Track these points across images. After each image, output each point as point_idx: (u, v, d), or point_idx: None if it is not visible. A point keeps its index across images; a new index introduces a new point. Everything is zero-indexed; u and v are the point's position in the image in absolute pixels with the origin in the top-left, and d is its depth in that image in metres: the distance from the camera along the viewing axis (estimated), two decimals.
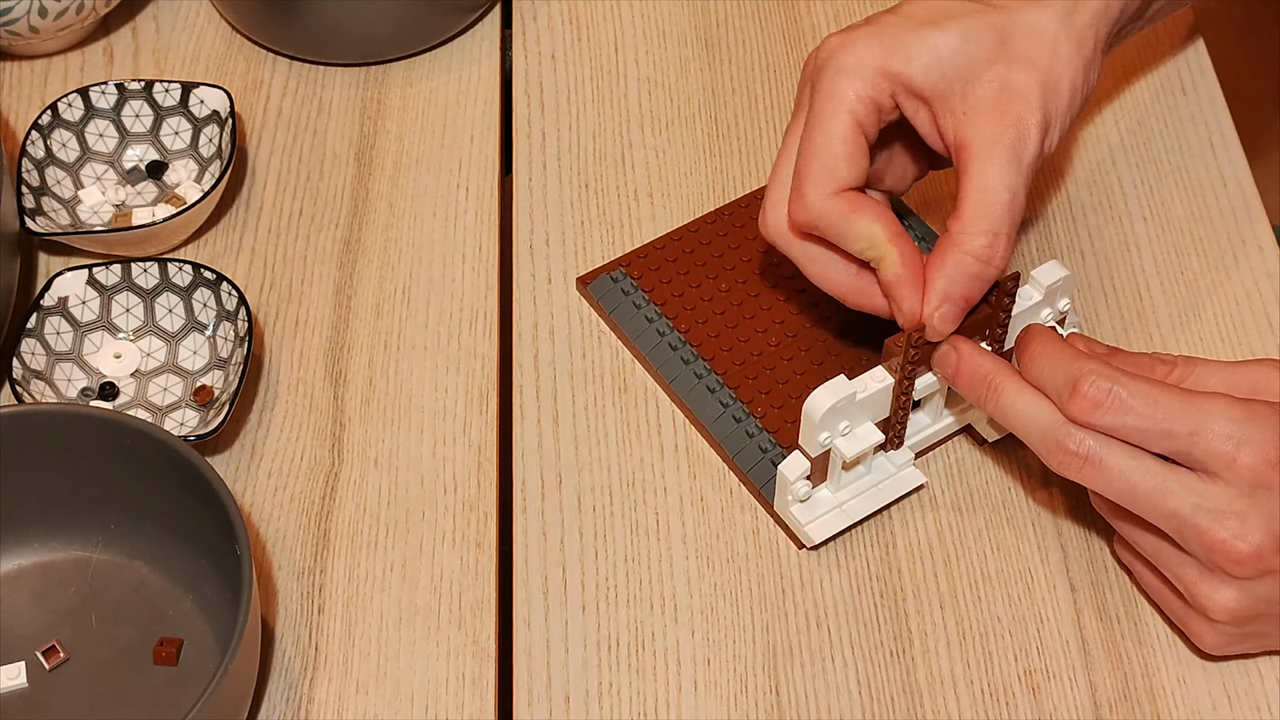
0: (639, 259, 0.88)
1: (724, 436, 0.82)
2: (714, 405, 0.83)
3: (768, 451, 0.81)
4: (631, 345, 0.86)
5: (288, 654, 0.77)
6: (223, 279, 0.84)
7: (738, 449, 0.82)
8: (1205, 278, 0.89)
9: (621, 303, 0.87)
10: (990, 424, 0.81)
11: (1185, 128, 0.96)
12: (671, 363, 0.84)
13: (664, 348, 0.85)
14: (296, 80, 0.98)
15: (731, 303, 0.86)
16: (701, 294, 0.87)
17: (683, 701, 0.75)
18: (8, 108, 0.97)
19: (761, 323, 0.85)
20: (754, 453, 0.81)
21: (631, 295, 0.87)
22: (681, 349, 0.85)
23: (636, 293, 0.87)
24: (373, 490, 0.82)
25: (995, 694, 0.75)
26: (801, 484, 0.77)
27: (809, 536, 0.78)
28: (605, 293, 0.87)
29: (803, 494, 0.78)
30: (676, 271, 0.88)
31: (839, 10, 1.01)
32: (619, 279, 0.87)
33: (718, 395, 0.83)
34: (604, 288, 0.87)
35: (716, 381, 0.83)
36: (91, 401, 0.84)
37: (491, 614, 0.78)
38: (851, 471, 0.79)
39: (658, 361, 0.85)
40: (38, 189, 0.89)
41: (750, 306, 0.86)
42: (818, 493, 0.78)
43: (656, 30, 1.01)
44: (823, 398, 0.74)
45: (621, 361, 0.86)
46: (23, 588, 0.78)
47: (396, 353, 0.87)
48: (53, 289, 0.85)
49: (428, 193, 0.93)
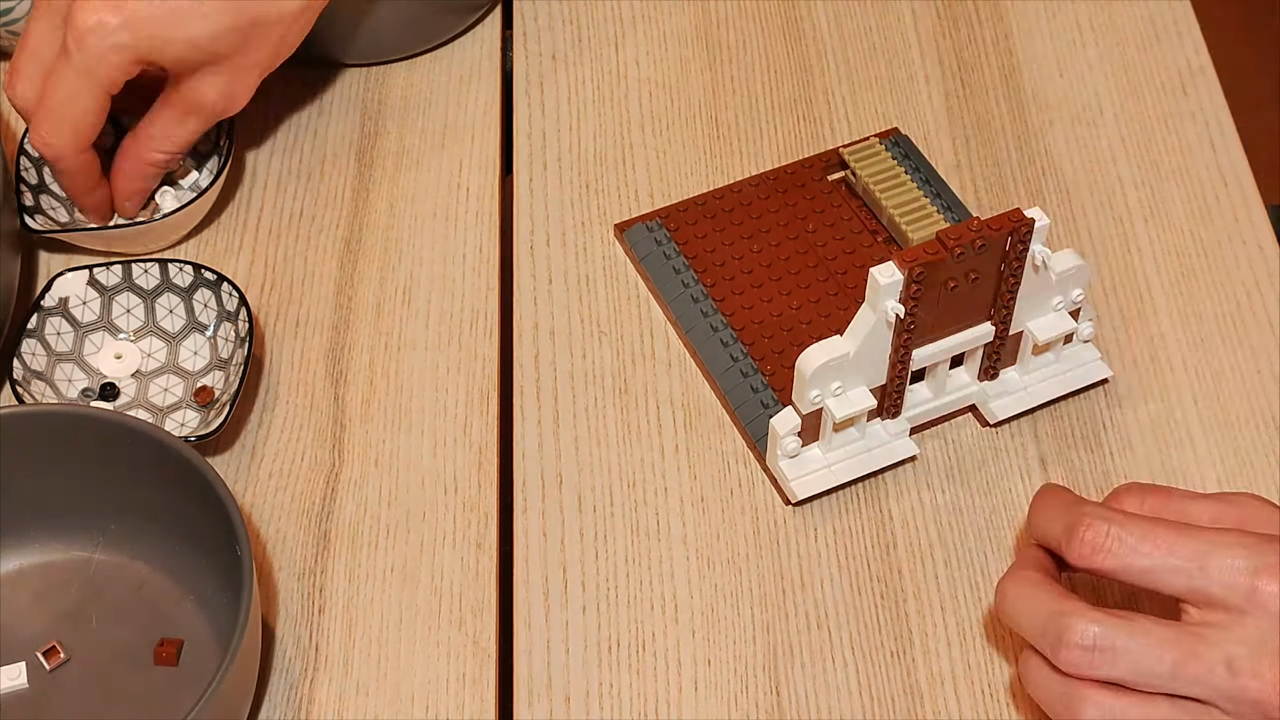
0: (678, 211, 0.90)
1: (729, 388, 0.83)
2: (724, 358, 0.84)
3: (769, 407, 0.82)
4: (656, 293, 0.88)
5: (288, 654, 0.77)
6: (223, 279, 0.84)
7: (740, 401, 0.83)
8: (1205, 278, 0.89)
9: (653, 251, 0.89)
10: (995, 403, 0.82)
11: (1185, 128, 0.96)
12: (691, 314, 0.86)
13: (686, 298, 0.86)
14: (296, 80, 0.98)
15: (761, 263, 0.88)
16: (733, 252, 0.89)
17: (683, 702, 0.75)
18: (7, 109, 0.97)
19: (786, 285, 0.87)
20: (755, 407, 0.82)
21: (664, 246, 0.89)
22: (703, 302, 0.86)
23: (669, 244, 0.89)
24: (373, 491, 0.82)
25: (995, 694, 0.75)
26: (791, 439, 0.78)
27: (794, 492, 0.79)
28: (639, 240, 0.89)
29: (791, 450, 0.79)
30: (713, 228, 0.90)
31: (839, 10, 1.01)
32: (654, 229, 0.89)
33: (730, 349, 0.84)
34: (638, 235, 0.89)
35: (731, 336, 0.85)
36: (92, 402, 0.84)
37: (492, 614, 0.78)
38: (843, 434, 0.79)
39: (678, 311, 0.86)
40: (36, 186, 0.89)
41: (778, 269, 0.88)
42: (808, 451, 0.79)
43: (656, 30, 1.01)
44: (815, 355, 0.75)
45: (622, 362, 0.86)
46: (23, 588, 0.78)
47: (397, 353, 0.87)
48: (53, 289, 0.85)
49: (428, 193, 0.93)
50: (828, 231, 0.89)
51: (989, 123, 0.96)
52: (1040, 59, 0.99)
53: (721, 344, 0.85)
